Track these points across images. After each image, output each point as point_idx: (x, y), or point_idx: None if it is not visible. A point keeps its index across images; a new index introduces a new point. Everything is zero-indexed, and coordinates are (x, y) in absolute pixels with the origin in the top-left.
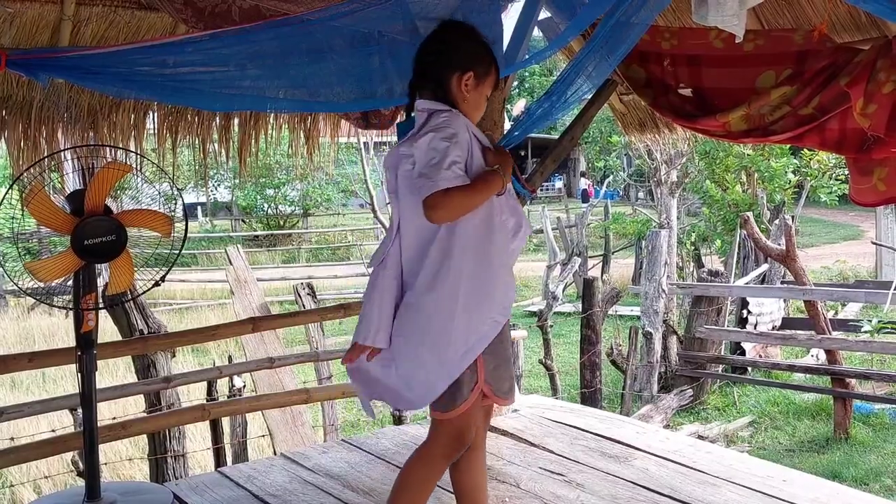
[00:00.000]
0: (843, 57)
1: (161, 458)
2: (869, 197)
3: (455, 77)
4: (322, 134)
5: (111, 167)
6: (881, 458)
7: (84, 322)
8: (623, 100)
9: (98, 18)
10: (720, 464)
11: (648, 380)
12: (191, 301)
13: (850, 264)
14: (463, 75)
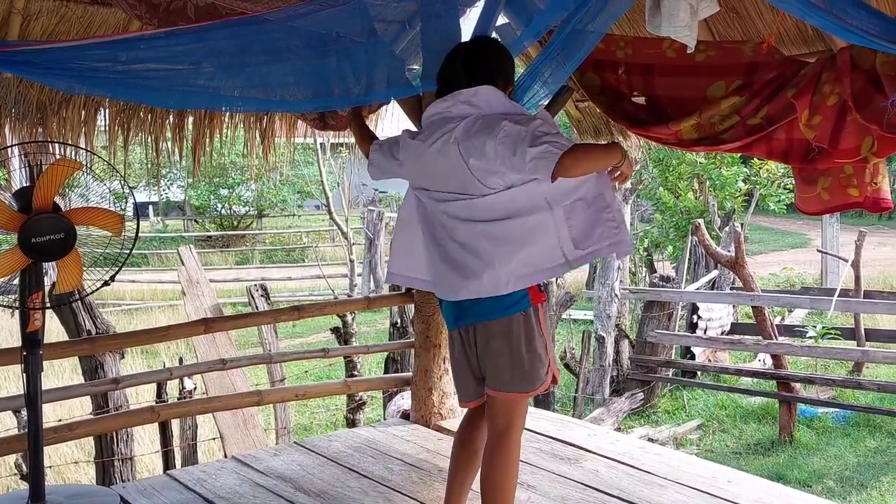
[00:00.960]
0: (790, 69)
1: (108, 462)
2: (813, 206)
3: (506, 85)
4: (278, 134)
5: (61, 164)
6: (824, 460)
7: (30, 321)
8: (579, 106)
9: (49, 13)
10: (668, 465)
11: (601, 383)
12: (141, 302)
13: (797, 271)
14: (507, 86)
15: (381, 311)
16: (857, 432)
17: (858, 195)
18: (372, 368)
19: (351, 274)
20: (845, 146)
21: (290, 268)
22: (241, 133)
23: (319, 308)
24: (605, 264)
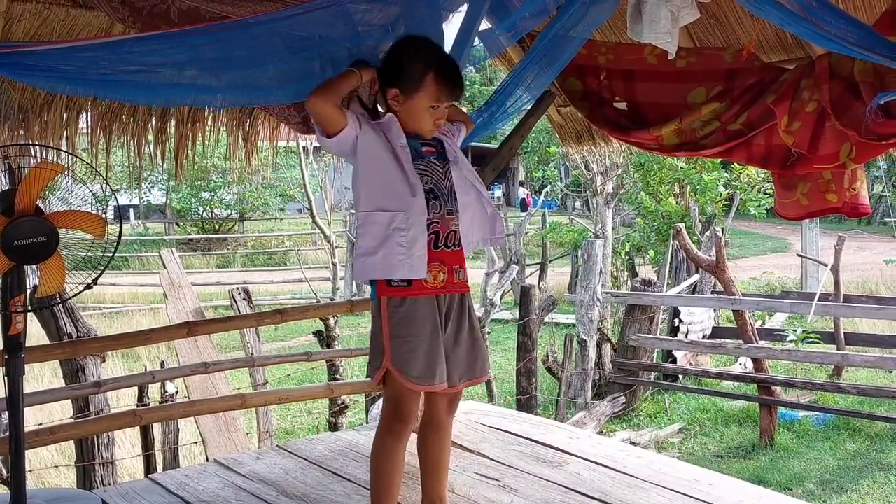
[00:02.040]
0: (769, 75)
1: (89, 466)
2: (793, 210)
3: (387, 91)
4: (261, 137)
5: (43, 167)
6: (804, 463)
7: (12, 325)
8: (561, 111)
9: (31, 15)
10: (649, 468)
11: (583, 387)
12: (121, 305)
13: (777, 276)
14: (390, 90)
15: (363, 314)
16: (836, 436)
17: (837, 200)
18: (354, 372)
19: (333, 277)
20: (824, 152)
21: (272, 271)
22: (223, 136)
23: (302, 311)
24: (587, 268)
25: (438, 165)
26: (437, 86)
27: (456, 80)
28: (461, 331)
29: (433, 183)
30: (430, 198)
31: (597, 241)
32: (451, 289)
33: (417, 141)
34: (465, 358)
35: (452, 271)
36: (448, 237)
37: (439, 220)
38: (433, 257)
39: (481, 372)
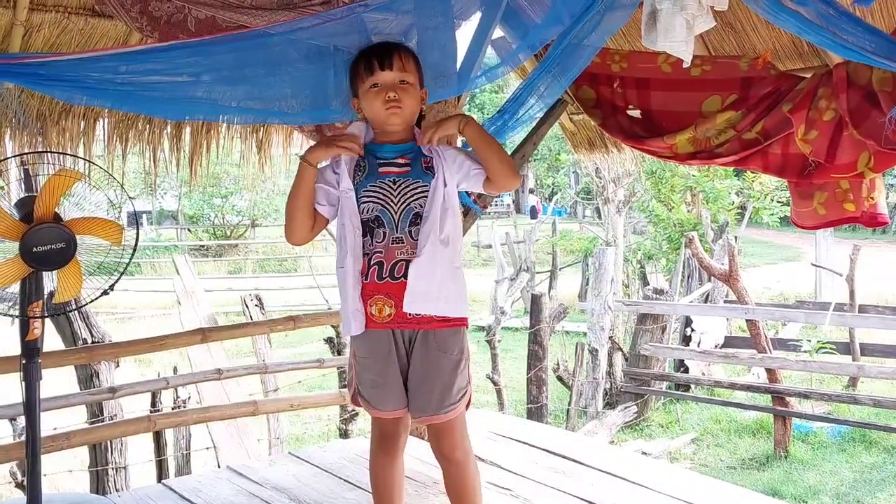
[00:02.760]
0: (786, 84)
1: (102, 471)
2: (809, 220)
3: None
4: (274, 145)
5: (63, 174)
6: (820, 476)
7: (30, 330)
8: (573, 119)
9: (50, 25)
10: (663, 479)
11: (594, 396)
12: (134, 311)
13: (790, 285)
14: (352, 102)
15: None
16: (852, 448)
17: (855, 210)
18: None
19: None
20: (842, 161)
21: (283, 277)
22: (237, 144)
23: (314, 318)
24: (599, 276)
25: (393, 187)
26: (362, 63)
27: (376, 49)
28: (418, 367)
29: (379, 210)
30: (374, 226)
31: (608, 248)
32: (403, 324)
33: (385, 152)
34: (418, 394)
35: (401, 305)
36: (395, 268)
37: (383, 250)
38: (376, 290)
39: (434, 411)
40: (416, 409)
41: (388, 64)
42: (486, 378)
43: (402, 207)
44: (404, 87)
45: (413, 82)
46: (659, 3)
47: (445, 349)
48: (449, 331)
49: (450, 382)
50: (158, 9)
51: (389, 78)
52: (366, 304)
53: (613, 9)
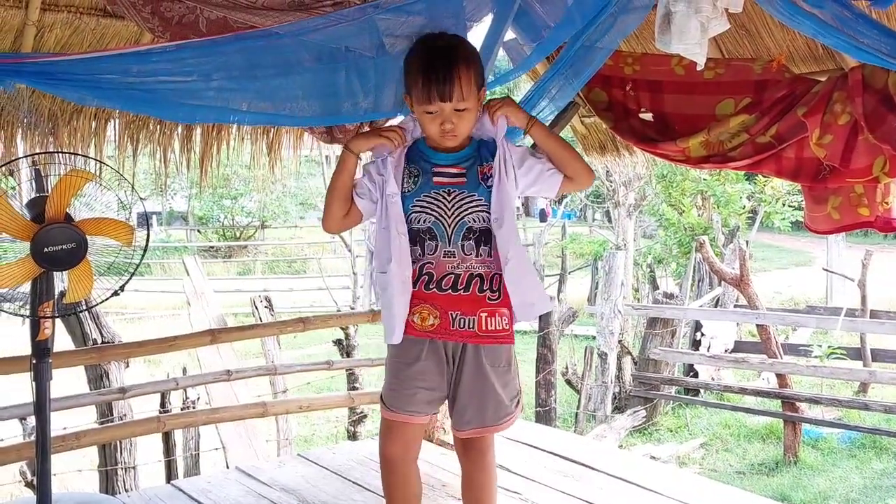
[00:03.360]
0: (801, 87)
1: (111, 471)
2: (823, 225)
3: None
4: (285, 147)
5: (74, 174)
6: (829, 481)
7: (40, 330)
8: (585, 122)
9: (62, 25)
10: (672, 484)
11: (602, 400)
12: (143, 311)
13: (801, 290)
14: (404, 97)
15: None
16: (863, 454)
17: (869, 215)
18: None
19: (354, 286)
20: (857, 165)
21: (292, 279)
22: (248, 145)
23: (324, 320)
24: (609, 280)
25: (448, 198)
26: (420, 83)
27: (435, 70)
28: (469, 381)
29: (433, 221)
30: (425, 237)
31: (618, 252)
32: (447, 336)
33: (440, 159)
34: (468, 408)
35: (448, 316)
36: (444, 280)
37: (434, 262)
38: (421, 297)
39: (492, 422)
40: (467, 423)
41: (447, 97)
42: None
43: (456, 221)
44: (461, 114)
45: (471, 106)
46: (673, 6)
47: (495, 363)
48: (497, 346)
49: (502, 394)
50: (170, 9)
51: (446, 108)
52: (409, 312)
53: (627, 11)
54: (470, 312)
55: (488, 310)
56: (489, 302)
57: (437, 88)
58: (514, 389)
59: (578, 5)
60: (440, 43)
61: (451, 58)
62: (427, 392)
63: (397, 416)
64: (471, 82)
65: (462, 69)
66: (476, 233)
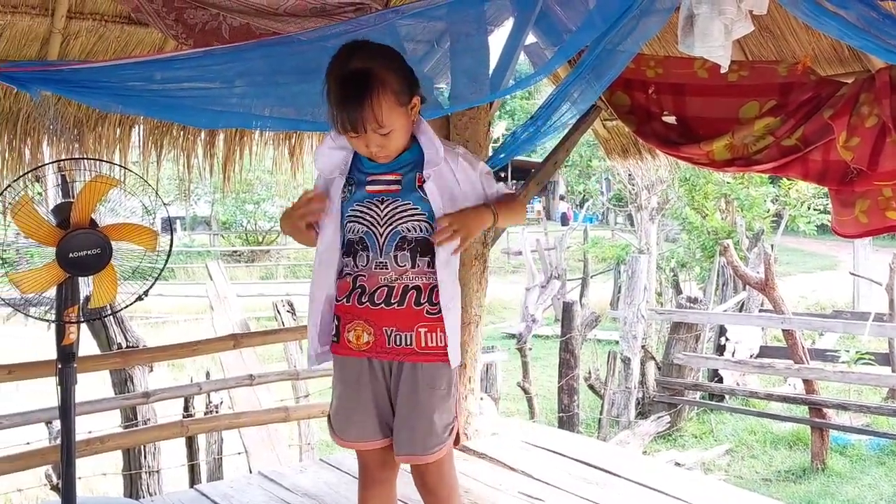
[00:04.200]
0: (826, 90)
1: (135, 474)
2: (851, 229)
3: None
4: (306, 151)
5: (99, 180)
6: (858, 489)
7: (66, 335)
8: (607, 125)
9: (87, 32)
10: (698, 491)
11: (626, 405)
12: (167, 315)
13: (827, 294)
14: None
15: None
16: (892, 461)
17: None
18: None
19: None
20: (885, 168)
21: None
22: (270, 150)
23: None
24: (632, 284)
25: (380, 207)
26: (335, 118)
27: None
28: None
29: (364, 231)
30: (358, 248)
31: (641, 256)
32: (382, 354)
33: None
34: (401, 432)
35: (383, 333)
36: (377, 293)
37: (366, 274)
38: (354, 314)
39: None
40: (400, 447)
41: (365, 127)
42: (516, 386)
43: (388, 230)
44: (386, 135)
45: (396, 126)
46: (696, 8)
47: (434, 384)
48: (436, 365)
49: (436, 421)
50: (193, 16)
51: (368, 135)
52: (343, 329)
53: (649, 14)
54: (406, 328)
55: (428, 325)
56: (428, 316)
57: (352, 121)
58: (450, 416)
59: (600, 8)
60: (351, 67)
61: (363, 85)
62: (373, 417)
63: (347, 444)
64: (388, 106)
65: (376, 96)
66: (412, 242)
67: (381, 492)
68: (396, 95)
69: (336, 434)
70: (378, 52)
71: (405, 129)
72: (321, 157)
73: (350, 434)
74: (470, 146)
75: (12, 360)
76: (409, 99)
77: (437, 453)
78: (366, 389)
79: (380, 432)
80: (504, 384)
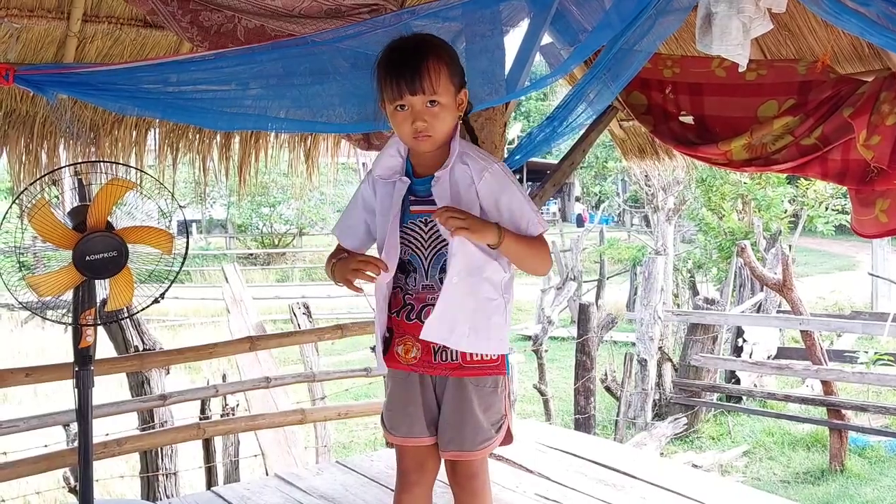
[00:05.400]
0: (846, 88)
1: (152, 477)
2: (871, 228)
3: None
4: (322, 154)
5: (115, 183)
6: (877, 491)
7: (82, 338)
8: (623, 126)
9: (103, 35)
10: (719, 495)
11: (643, 407)
12: (183, 318)
13: (845, 295)
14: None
15: None
16: None
17: None
18: None
19: None
20: None
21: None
22: (285, 153)
23: (362, 327)
24: (648, 286)
25: (424, 229)
26: (387, 79)
27: (402, 64)
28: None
29: (410, 254)
30: (409, 268)
31: (658, 257)
32: (429, 369)
33: (418, 186)
34: (447, 428)
35: (429, 349)
36: (424, 311)
37: (413, 293)
38: (404, 329)
39: (469, 447)
40: (447, 444)
41: (416, 88)
42: (532, 388)
43: (432, 253)
44: (434, 110)
45: (445, 102)
46: (714, 6)
47: (479, 383)
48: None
49: (482, 418)
50: (209, 19)
51: (417, 103)
52: (394, 342)
53: (666, 13)
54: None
55: None
56: None
57: (406, 80)
58: (498, 413)
59: (617, 8)
60: (410, 39)
61: (419, 50)
62: (421, 415)
63: (397, 439)
64: (442, 75)
65: (432, 61)
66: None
67: (417, 495)
68: (449, 71)
69: (387, 429)
70: (435, 36)
71: (452, 116)
72: (382, 158)
73: (400, 430)
74: (486, 147)
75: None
76: (459, 85)
77: (483, 450)
78: (414, 387)
79: (427, 431)
80: (520, 386)
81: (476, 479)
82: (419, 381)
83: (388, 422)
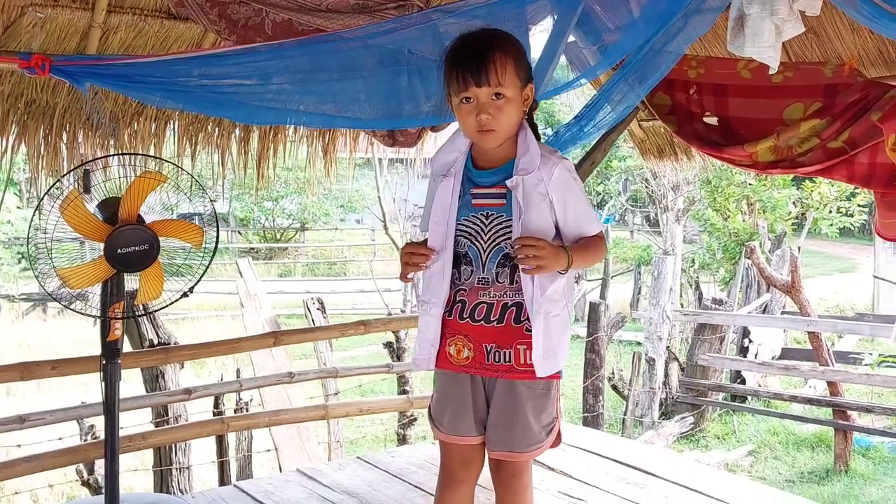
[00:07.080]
0: (874, 92)
1: (166, 471)
2: (895, 232)
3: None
4: (340, 150)
5: (147, 176)
6: (881, 490)
7: (111, 331)
8: (643, 125)
9: (127, 27)
10: (740, 493)
11: (650, 406)
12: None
13: (847, 296)
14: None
15: None
16: None
17: None
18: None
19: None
20: None
21: (332, 281)
22: (304, 147)
23: (385, 323)
24: (657, 285)
25: (485, 221)
26: (454, 71)
27: (469, 55)
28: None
29: (468, 245)
30: (463, 262)
31: (667, 257)
32: (482, 370)
33: (482, 179)
34: (497, 428)
35: (483, 349)
36: (476, 309)
37: (467, 289)
38: (455, 329)
39: (519, 448)
40: (495, 443)
41: (482, 80)
42: None
43: (491, 246)
44: (499, 103)
45: (511, 95)
46: (748, 8)
47: (531, 384)
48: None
49: (532, 419)
50: (236, 12)
51: (483, 95)
52: (444, 342)
53: (698, 13)
54: (506, 345)
55: (527, 342)
56: (527, 333)
57: (472, 72)
58: (550, 417)
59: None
60: (477, 32)
61: (486, 42)
62: (470, 412)
63: (444, 435)
64: (508, 68)
65: (498, 53)
66: (513, 259)
67: (461, 492)
68: (516, 65)
69: (435, 425)
70: (502, 30)
71: (517, 110)
72: (439, 154)
73: (448, 427)
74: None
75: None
76: (525, 80)
77: (532, 452)
78: (465, 386)
79: (475, 430)
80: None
81: (519, 479)
82: (470, 380)
83: (435, 416)
